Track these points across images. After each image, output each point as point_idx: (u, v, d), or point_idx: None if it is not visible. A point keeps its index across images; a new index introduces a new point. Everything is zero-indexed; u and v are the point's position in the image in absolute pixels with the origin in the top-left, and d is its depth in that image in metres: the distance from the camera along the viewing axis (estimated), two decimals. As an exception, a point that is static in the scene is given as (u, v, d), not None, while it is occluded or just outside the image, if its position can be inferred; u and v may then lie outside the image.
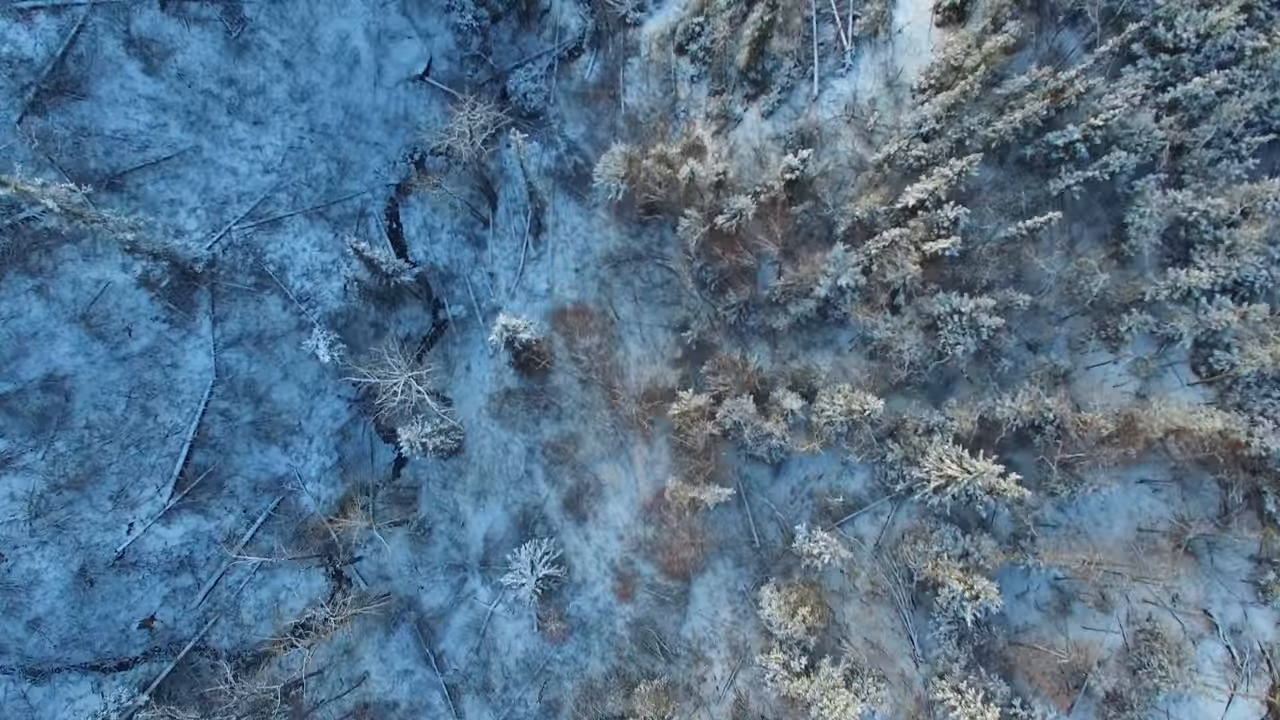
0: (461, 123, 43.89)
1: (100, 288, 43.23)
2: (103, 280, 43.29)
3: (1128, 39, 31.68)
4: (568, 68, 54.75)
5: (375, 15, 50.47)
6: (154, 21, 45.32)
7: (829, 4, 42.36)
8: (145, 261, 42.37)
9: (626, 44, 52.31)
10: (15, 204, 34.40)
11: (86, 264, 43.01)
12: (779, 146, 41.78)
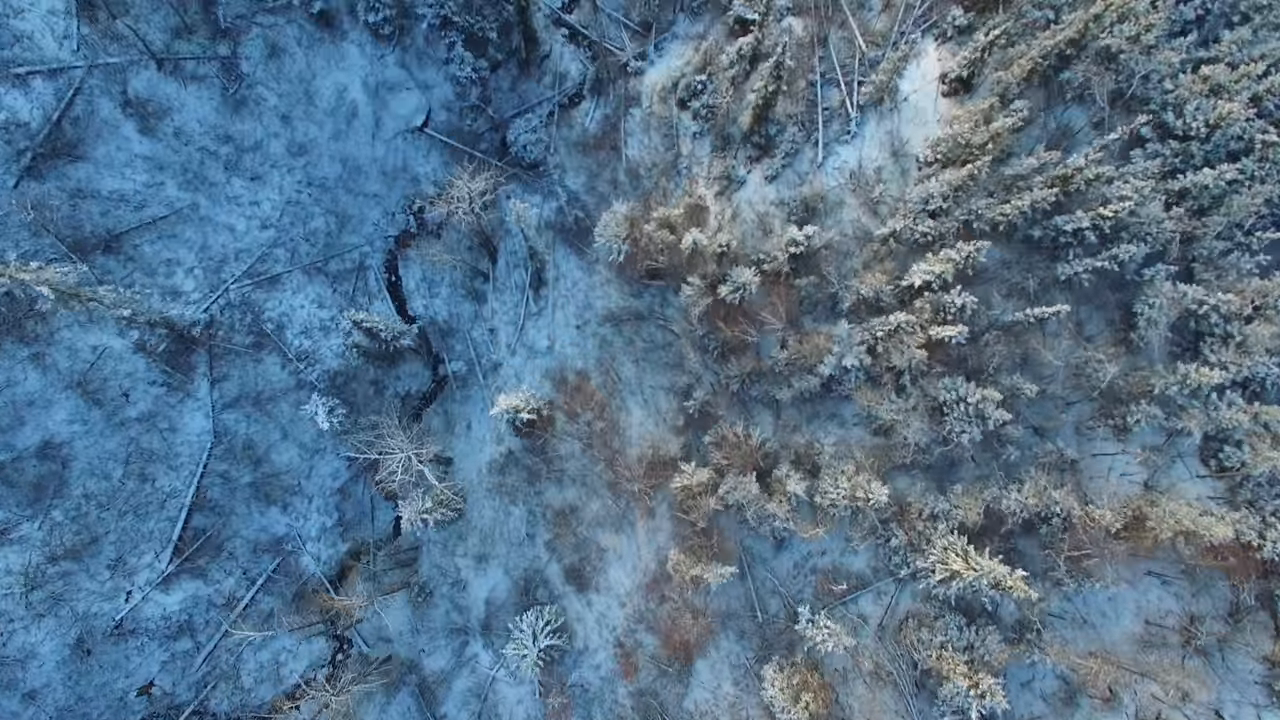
0: (461, 189, 43.26)
1: (97, 354, 42.82)
2: (100, 346, 42.89)
3: (1137, 129, 31.13)
4: (568, 115, 54.22)
5: (373, 67, 49.87)
6: (150, 82, 44.78)
7: (834, 69, 41.75)
8: (142, 330, 41.88)
9: (628, 94, 51.73)
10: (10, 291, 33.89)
11: (83, 330, 42.59)
12: (783, 213, 41.23)
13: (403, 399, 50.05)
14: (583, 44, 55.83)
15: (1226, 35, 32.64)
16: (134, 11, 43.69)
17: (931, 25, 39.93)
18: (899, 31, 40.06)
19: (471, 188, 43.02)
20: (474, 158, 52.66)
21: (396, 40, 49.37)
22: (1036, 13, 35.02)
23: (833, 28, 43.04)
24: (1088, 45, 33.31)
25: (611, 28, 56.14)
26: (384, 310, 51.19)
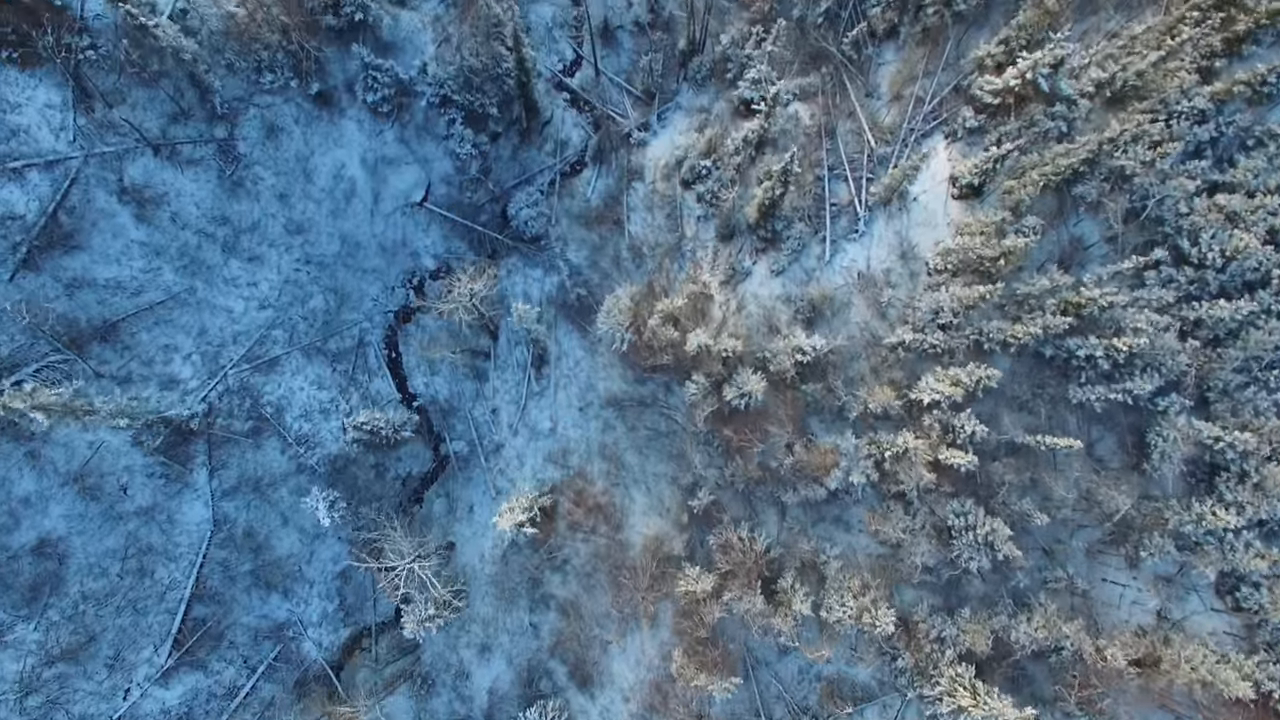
0: (462, 289, 42.63)
1: (94, 449, 42.37)
2: (97, 442, 42.42)
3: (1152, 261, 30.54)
4: (570, 185, 53.54)
5: (371, 143, 49.15)
6: (147, 168, 44.12)
7: (841, 163, 41.02)
8: (140, 430, 41.41)
9: (630, 167, 51.06)
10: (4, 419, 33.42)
11: (80, 428, 42.03)
12: (789, 309, 40.57)
13: (403, 480, 49.60)
14: (584, 109, 55.17)
15: (1242, 160, 31.87)
16: (130, 100, 42.97)
17: (941, 122, 39.12)
18: (908, 128, 39.24)
19: (472, 288, 42.28)
20: (474, 231, 52.06)
21: (395, 116, 48.64)
22: (1049, 123, 34.22)
23: (840, 117, 42.28)
24: (1101, 163, 32.54)
25: (613, 92, 55.46)
26: (384, 388, 50.69)
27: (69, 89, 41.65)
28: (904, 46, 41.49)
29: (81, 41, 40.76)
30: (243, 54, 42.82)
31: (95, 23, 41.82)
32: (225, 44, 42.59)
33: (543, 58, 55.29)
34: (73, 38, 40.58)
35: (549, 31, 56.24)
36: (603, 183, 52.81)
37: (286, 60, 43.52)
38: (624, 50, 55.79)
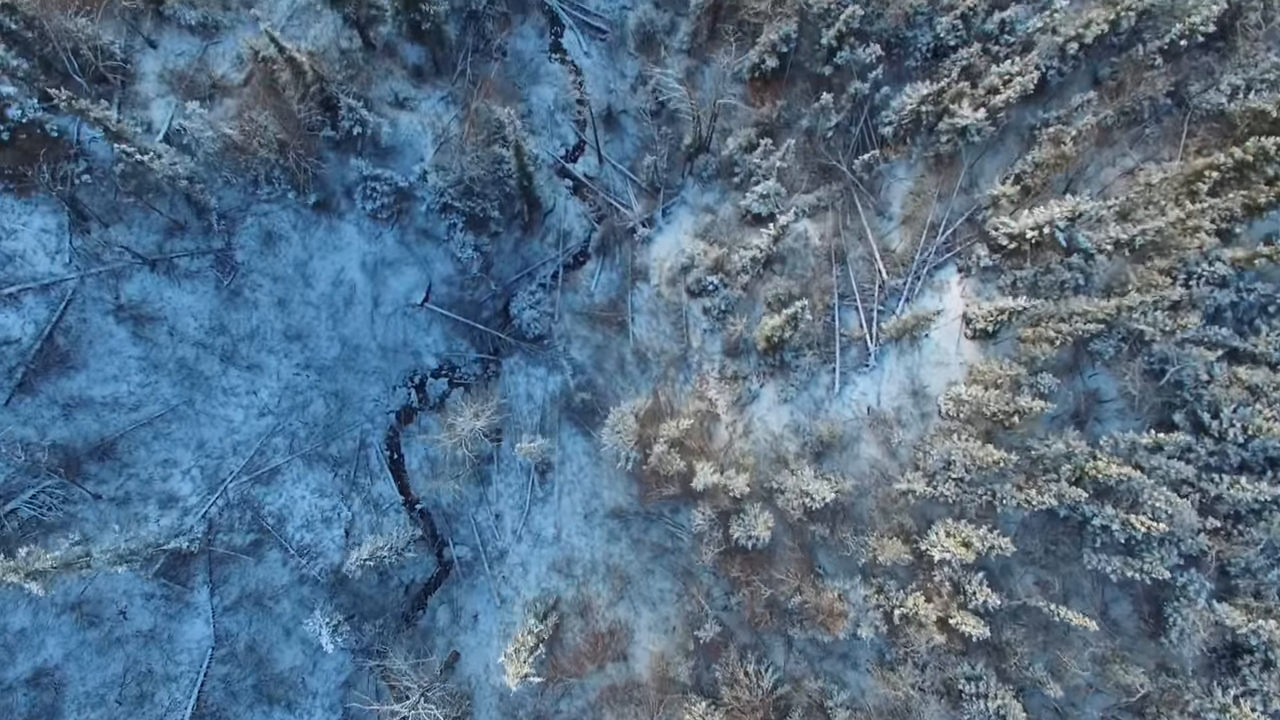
0: (465, 424, 41.95)
1: (91, 578, 41.80)
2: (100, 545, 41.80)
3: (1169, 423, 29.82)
4: (573, 277, 52.77)
5: (371, 247, 48.33)
6: (143, 285, 43.39)
7: (852, 292, 40.22)
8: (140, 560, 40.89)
9: (634, 267, 50.31)
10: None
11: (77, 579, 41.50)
12: (797, 440, 39.91)
13: (407, 587, 49.10)
14: (588, 197, 54.27)
15: (1264, 329, 31.07)
16: (126, 219, 42.18)
17: (955, 255, 38.29)
18: (921, 259, 38.40)
19: (475, 424, 41.60)
20: (476, 329, 51.30)
21: (395, 219, 47.84)
22: (1066, 273, 33.38)
23: (851, 239, 41.48)
24: (1118, 324, 31.75)
25: (617, 180, 54.57)
26: (386, 490, 50.08)
27: (64, 213, 40.85)
28: (916, 164, 40.60)
29: (77, 167, 39.98)
30: (239, 171, 41.91)
31: (91, 145, 40.99)
32: (221, 163, 41.71)
33: (544, 142, 54.49)
34: (68, 164, 39.73)
35: (551, 115, 55.31)
36: (606, 276, 52.03)
37: (284, 175, 42.61)
38: (628, 136, 54.85)
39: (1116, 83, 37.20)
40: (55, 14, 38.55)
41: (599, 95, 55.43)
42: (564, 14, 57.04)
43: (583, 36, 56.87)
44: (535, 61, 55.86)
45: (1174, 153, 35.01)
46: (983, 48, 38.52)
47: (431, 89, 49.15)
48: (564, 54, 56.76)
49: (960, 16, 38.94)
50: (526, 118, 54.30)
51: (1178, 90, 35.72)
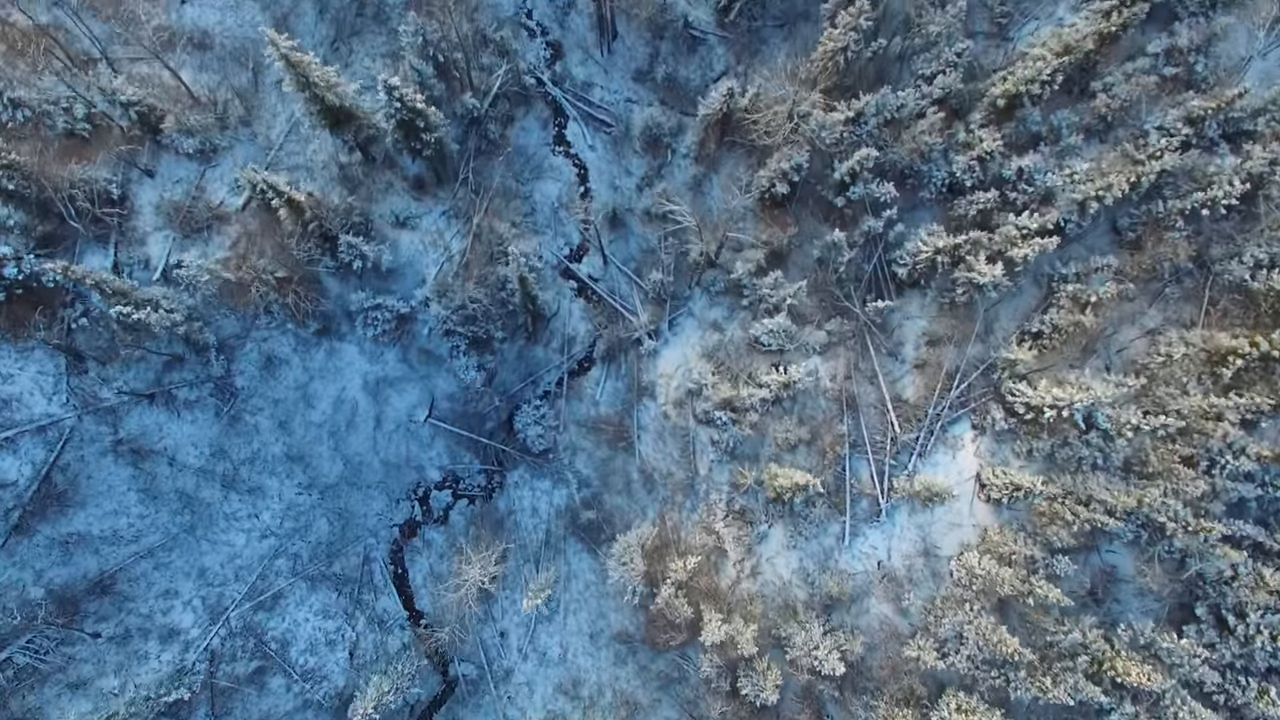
0: (470, 575, 41.40)
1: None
2: (99, 709, 41.45)
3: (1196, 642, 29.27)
4: (578, 384, 52.00)
5: (373, 366, 47.58)
6: (142, 419, 42.76)
7: (863, 441, 39.53)
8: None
9: (640, 383, 49.54)
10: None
11: (75, 696, 41.24)
12: (805, 588, 39.42)
13: (411, 707, 48.74)
14: (592, 299, 53.38)
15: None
16: (124, 355, 41.40)
17: (970, 410, 37.54)
18: (934, 414, 37.66)
19: (481, 574, 41.05)
20: (480, 442, 50.63)
21: (397, 340, 47.01)
22: (1084, 450, 32.66)
23: (862, 382, 40.69)
24: (1138, 512, 31.10)
25: (622, 282, 53.65)
26: (390, 605, 49.61)
27: (62, 356, 40.08)
28: (930, 305, 39.80)
29: (74, 312, 39.18)
30: (237, 307, 41.11)
31: (88, 289, 40.08)
32: (220, 302, 40.89)
33: (547, 241, 53.59)
34: (65, 310, 38.94)
35: (554, 212, 54.34)
36: (611, 385, 51.30)
37: (282, 309, 41.78)
38: (633, 235, 53.88)
39: (1136, 235, 36.32)
40: (52, 164, 37.57)
41: (604, 192, 54.44)
42: (568, 105, 55.90)
43: (587, 129, 55.76)
44: (538, 155, 54.82)
45: (1195, 315, 34.19)
46: (1000, 194, 37.56)
47: (433, 201, 48.19)
48: (568, 147, 55.71)
49: (977, 159, 37.94)
50: (529, 216, 53.42)
51: (1199, 255, 34.85)
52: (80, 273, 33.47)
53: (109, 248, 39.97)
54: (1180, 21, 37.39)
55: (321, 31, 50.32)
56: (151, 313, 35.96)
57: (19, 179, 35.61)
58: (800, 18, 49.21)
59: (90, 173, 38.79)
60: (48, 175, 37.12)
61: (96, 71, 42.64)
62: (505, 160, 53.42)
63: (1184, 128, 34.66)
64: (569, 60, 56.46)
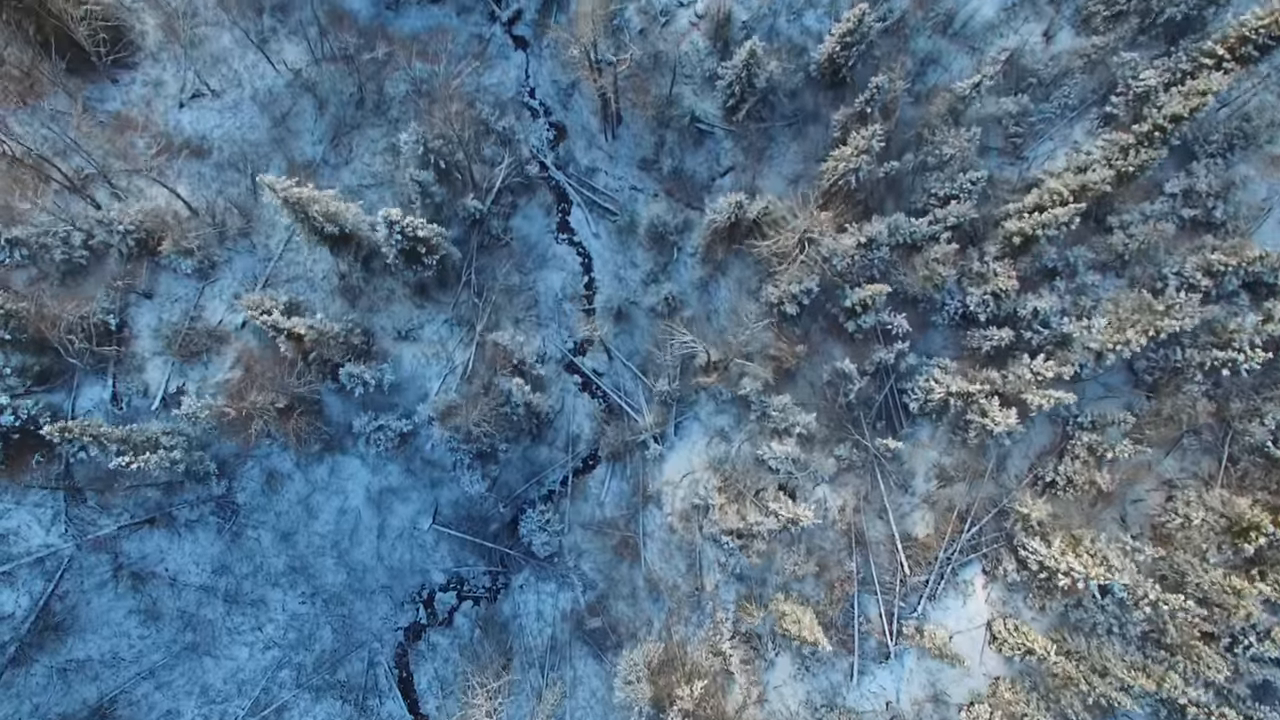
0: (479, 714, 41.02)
1: None
2: (101, 839, 41.27)
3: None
4: (582, 483, 51.45)
5: (376, 477, 47.05)
6: (142, 542, 42.30)
7: (872, 578, 39.11)
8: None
9: (646, 490, 49.00)
10: None
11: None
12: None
13: (419, 815, 48.63)
14: (597, 394, 52.75)
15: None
16: (123, 484, 40.80)
17: (981, 554, 37.09)
18: (944, 556, 37.21)
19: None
20: (485, 549, 50.17)
21: (400, 452, 46.44)
22: (1099, 615, 32.24)
23: (870, 515, 40.23)
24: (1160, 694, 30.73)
25: (627, 378, 52.99)
26: (395, 710, 49.32)
27: (60, 489, 39.49)
28: (940, 438, 39.25)
29: (72, 447, 38.43)
30: (238, 437, 40.51)
31: (85, 417, 39.43)
32: (219, 436, 40.28)
33: (551, 335, 52.92)
34: (63, 445, 38.25)
35: (558, 303, 53.63)
36: (616, 485, 50.79)
37: (284, 436, 41.17)
38: (638, 330, 53.13)
39: (1153, 379, 35.73)
40: (49, 302, 36.82)
41: (608, 282, 53.73)
42: (572, 190, 55.11)
43: (591, 216, 54.98)
44: (541, 244, 54.09)
45: (1214, 469, 33.66)
46: (1015, 333, 36.92)
47: (435, 308, 47.47)
48: (571, 234, 54.97)
49: (992, 294, 37.28)
50: (532, 309, 52.72)
51: (1219, 410, 34.30)
52: (77, 429, 32.83)
53: (107, 378, 39.31)
54: (1198, 161, 36.67)
55: (320, 129, 49.41)
56: (151, 456, 35.29)
57: (15, 327, 34.84)
58: (810, 118, 48.32)
59: (87, 307, 37.98)
60: (45, 316, 36.36)
61: (93, 189, 41.81)
62: (508, 252, 52.71)
63: (1203, 278, 34.01)
64: (572, 143, 55.63)
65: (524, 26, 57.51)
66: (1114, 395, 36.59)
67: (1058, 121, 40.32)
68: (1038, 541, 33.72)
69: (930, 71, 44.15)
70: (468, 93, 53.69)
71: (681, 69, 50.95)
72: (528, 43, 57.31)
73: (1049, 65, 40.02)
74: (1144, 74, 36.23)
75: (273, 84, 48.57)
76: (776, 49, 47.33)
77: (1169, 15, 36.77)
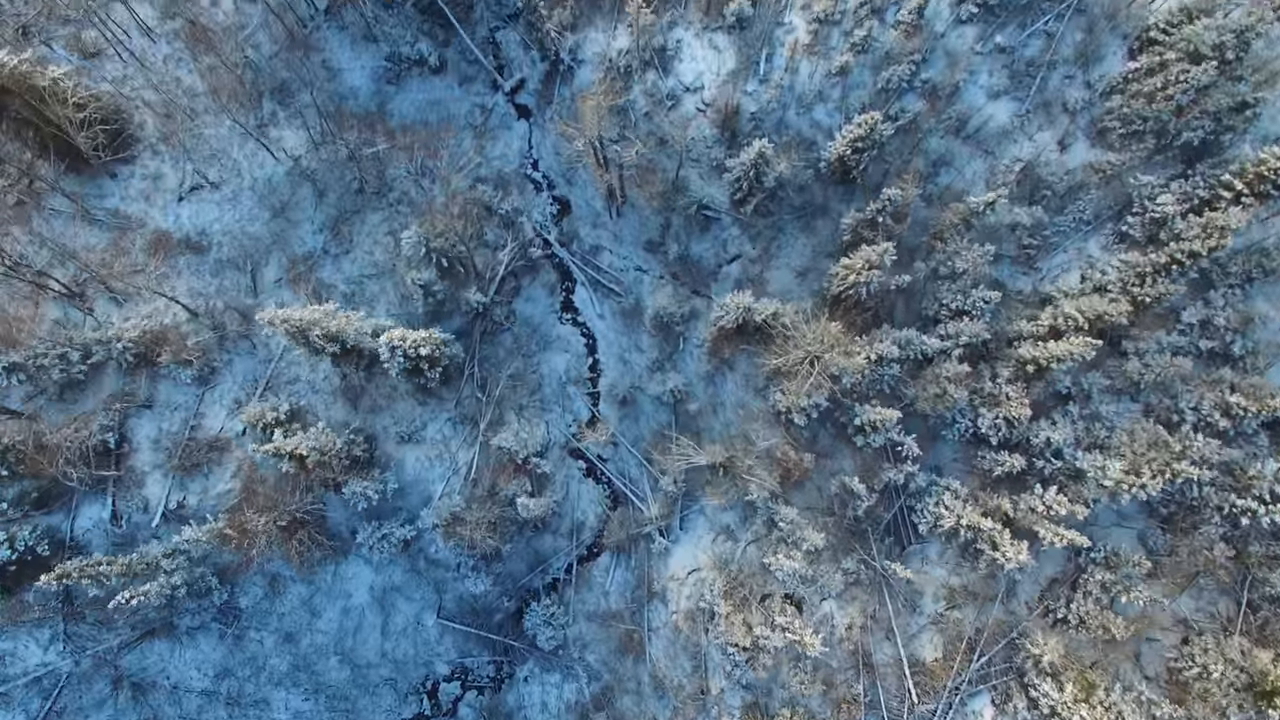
0: None
1: None
2: None
3: None
4: (586, 571, 51.07)
5: (379, 577, 46.67)
6: (142, 653, 41.91)
7: (879, 702, 38.81)
8: None
9: (651, 585, 48.65)
10: None
11: None
12: (822, 844, 38.82)
13: None
14: (601, 479, 52.28)
15: None
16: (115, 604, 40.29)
17: (990, 685, 36.78)
18: (953, 685, 36.90)
19: None
20: (490, 640, 49.85)
21: (404, 553, 46.00)
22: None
23: (878, 635, 39.89)
24: None
25: (632, 464, 52.50)
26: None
27: (59, 609, 39.07)
28: (949, 559, 38.84)
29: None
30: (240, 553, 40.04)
31: (84, 537, 39.00)
32: (220, 553, 39.81)
33: (555, 419, 52.34)
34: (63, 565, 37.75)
35: (562, 386, 53.04)
36: (621, 575, 50.42)
37: (285, 552, 40.72)
38: (644, 415, 52.59)
39: (1169, 513, 35.29)
40: (46, 433, 36.24)
41: (613, 365, 53.13)
42: (576, 268, 54.39)
43: (595, 295, 54.26)
44: (545, 325, 53.41)
45: (1233, 612, 33.25)
46: (1027, 461, 36.43)
47: (438, 405, 46.88)
48: (575, 313, 54.27)
49: (1004, 419, 36.76)
50: (535, 393, 52.13)
51: (1238, 554, 33.88)
52: (76, 572, 32.34)
53: (106, 497, 38.75)
54: (1216, 290, 36.03)
55: (321, 218, 48.62)
56: (152, 584, 34.85)
57: (13, 459, 34.29)
58: (819, 211, 47.60)
59: (85, 430, 37.38)
60: (43, 446, 35.78)
61: (92, 297, 41.12)
62: (511, 336, 52.08)
63: (1221, 418, 33.49)
64: (576, 219, 54.82)
65: (527, 95, 56.52)
66: (1128, 524, 36.18)
67: (1072, 235, 39.64)
68: (1049, 684, 33.41)
69: (943, 173, 43.42)
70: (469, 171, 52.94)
71: (688, 153, 50.11)
72: (531, 112, 56.36)
73: (1063, 178, 39.30)
74: (1161, 199, 35.54)
75: (272, 173, 47.71)
76: (786, 143, 46.50)
77: (1186, 139, 36.03)
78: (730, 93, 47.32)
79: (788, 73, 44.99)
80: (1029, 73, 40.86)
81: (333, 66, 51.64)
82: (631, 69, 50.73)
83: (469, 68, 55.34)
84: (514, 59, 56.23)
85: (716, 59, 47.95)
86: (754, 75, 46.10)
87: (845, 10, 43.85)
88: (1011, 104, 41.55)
